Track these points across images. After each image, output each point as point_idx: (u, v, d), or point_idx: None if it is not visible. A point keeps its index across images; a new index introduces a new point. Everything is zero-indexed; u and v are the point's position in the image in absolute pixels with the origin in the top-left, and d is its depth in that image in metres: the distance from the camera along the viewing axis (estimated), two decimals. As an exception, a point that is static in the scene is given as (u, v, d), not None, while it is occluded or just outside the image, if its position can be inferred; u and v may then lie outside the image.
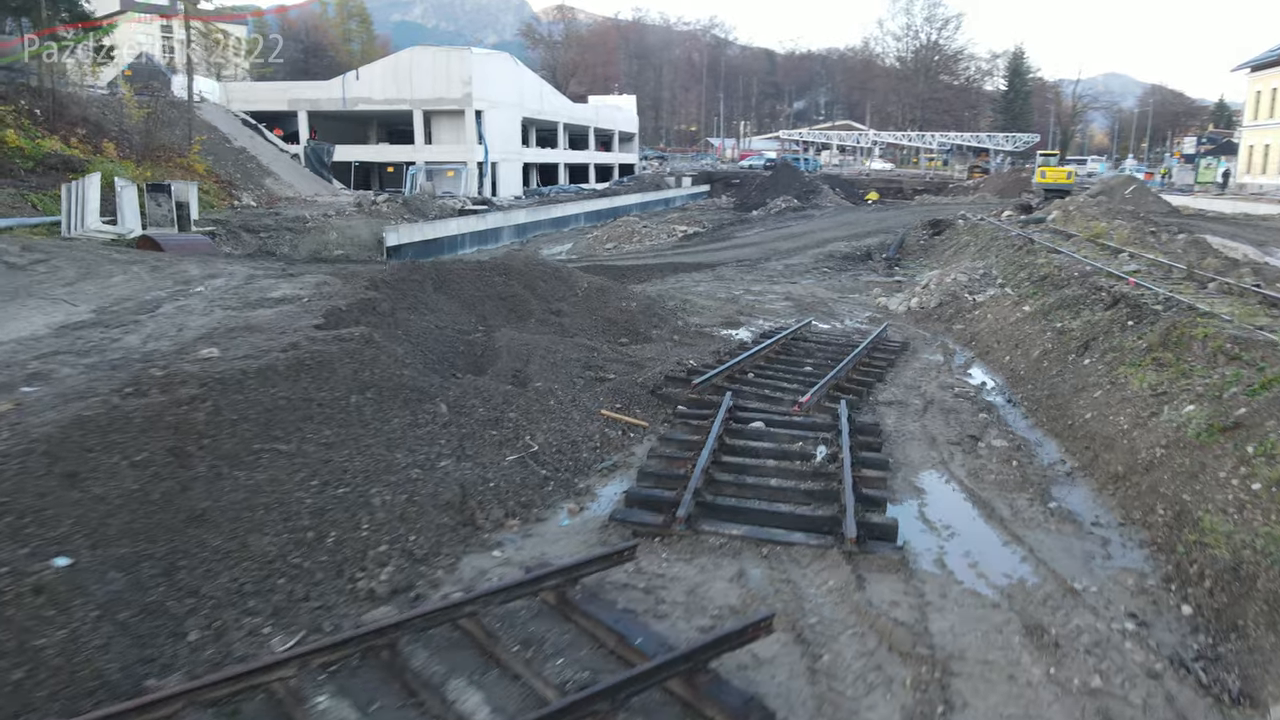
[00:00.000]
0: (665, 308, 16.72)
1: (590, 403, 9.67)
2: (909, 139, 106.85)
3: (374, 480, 6.65)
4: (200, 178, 37.01)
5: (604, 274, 21.83)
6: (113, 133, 36.46)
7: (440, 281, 13.87)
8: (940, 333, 15.90)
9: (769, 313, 17.59)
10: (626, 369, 11.68)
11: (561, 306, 14.75)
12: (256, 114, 46.55)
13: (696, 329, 15.45)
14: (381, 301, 10.46)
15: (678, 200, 64.00)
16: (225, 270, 12.85)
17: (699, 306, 17.91)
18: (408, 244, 27.04)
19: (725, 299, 19.00)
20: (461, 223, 31.25)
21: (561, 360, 11.17)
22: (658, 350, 13.36)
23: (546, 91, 57.86)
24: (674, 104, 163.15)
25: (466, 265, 14.74)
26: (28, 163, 28.11)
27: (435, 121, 47.37)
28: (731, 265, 24.70)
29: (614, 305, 15.19)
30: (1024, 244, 20.60)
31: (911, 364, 13.27)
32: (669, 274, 22.82)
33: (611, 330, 14.42)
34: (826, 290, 20.81)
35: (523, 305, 14.35)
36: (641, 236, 31.67)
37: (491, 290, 14.40)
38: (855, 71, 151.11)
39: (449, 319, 12.80)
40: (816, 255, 26.48)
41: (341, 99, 45.93)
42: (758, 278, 22.55)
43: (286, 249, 25.71)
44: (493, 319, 13.72)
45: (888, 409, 10.65)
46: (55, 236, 21.22)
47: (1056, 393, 10.73)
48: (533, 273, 15.33)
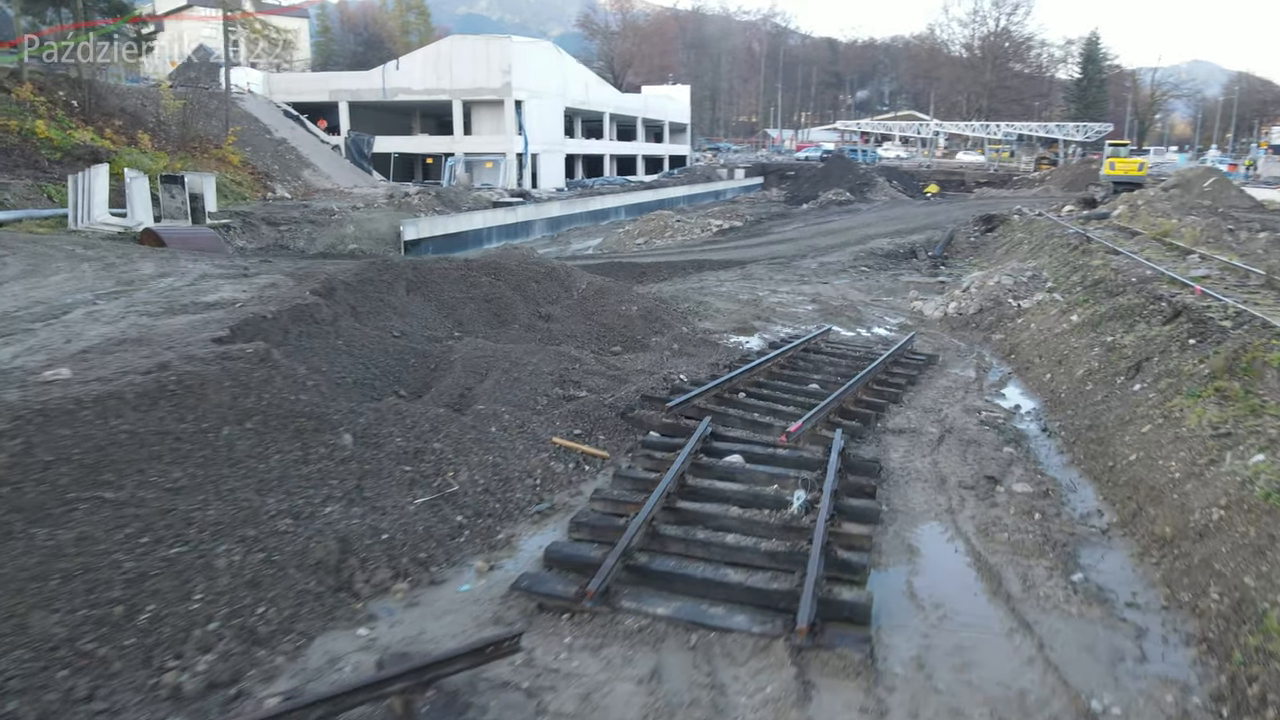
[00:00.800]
0: (674, 311, 15.39)
1: (544, 428, 8.42)
2: (973, 129, 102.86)
3: (226, 534, 5.50)
4: (235, 169, 36.84)
5: (622, 272, 20.60)
6: (150, 124, 36.47)
7: (417, 282, 12.76)
8: (977, 343, 14.24)
9: (789, 317, 16.12)
10: (606, 384, 10.42)
11: (552, 310, 13.54)
12: (299, 105, 46.38)
13: (703, 336, 14.08)
14: (322, 308, 9.36)
15: (728, 193, 62.41)
16: (182, 269, 11.94)
17: (714, 309, 16.52)
18: (427, 238, 26.14)
19: (746, 301, 17.56)
20: (488, 216, 30.28)
21: (529, 374, 9.94)
22: (652, 360, 12.05)
23: (592, 81, 56.67)
24: (732, 95, 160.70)
25: (450, 264, 13.62)
26: (55, 154, 27.99)
27: (475, 112, 46.60)
28: (763, 263, 23.19)
29: (612, 309, 13.91)
30: (1080, 243, 18.68)
31: (937, 381, 11.71)
32: (693, 272, 21.44)
33: (605, 337, 13.16)
34: (859, 292, 19.20)
35: (508, 309, 13.17)
36: (674, 231, 30.28)
37: (475, 292, 13.26)
38: (919, 60, 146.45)
39: (417, 325, 11.69)
40: (856, 253, 24.78)
41: (381, 89, 45.44)
42: (788, 277, 21.02)
43: (302, 243, 25.04)
44: (471, 324, 12.58)
45: (896, 439, 9.17)
46: (61, 229, 20.84)
47: (1099, 423, 9.10)
48: (525, 273, 14.14)
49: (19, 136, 28.11)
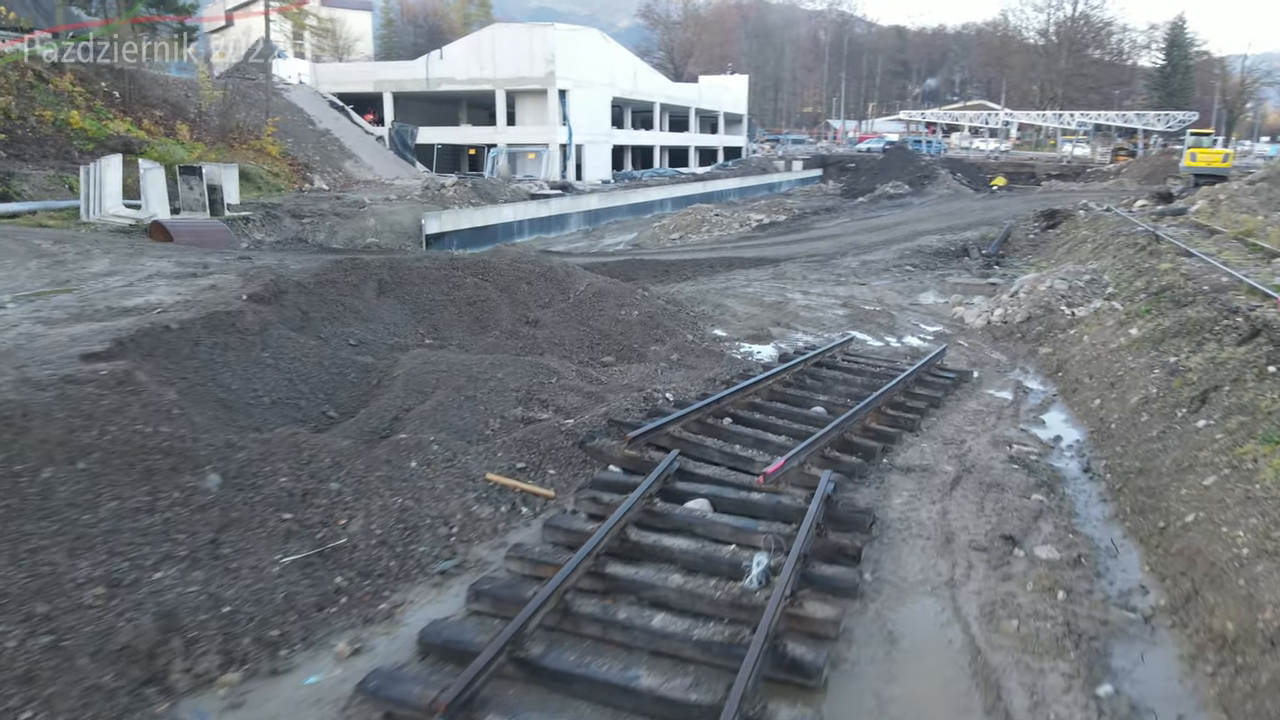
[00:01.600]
0: (683, 315, 14.08)
1: (481, 461, 7.23)
2: (1046, 118, 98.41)
3: (5, 612, 4.44)
4: (273, 160, 36.58)
5: (644, 271, 19.36)
6: (191, 115, 36.44)
7: (392, 283, 11.70)
8: (1020, 357, 12.60)
9: (813, 323, 14.65)
10: (580, 403, 9.20)
11: (541, 314, 12.35)
12: (345, 96, 46.15)
13: (710, 344, 12.75)
14: (247, 315, 8.32)
15: (783, 185, 60.66)
16: (138, 267, 11.09)
17: (732, 313, 15.15)
18: (450, 231, 25.24)
19: (770, 304, 16.13)
20: (519, 209, 29.27)
21: (487, 391, 8.77)
22: (643, 374, 10.80)
23: (641, 70, 55.32)
24: (794, 85, 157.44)
25: (433, 264, 12.53)
26: (89, 144, 27.87)
27: (519, 102, 45.72)
28: (799, 261, 21.65)
29: (610, 314, 12.66)
30: (1148, 242, 16.73)
31: (965, 404, 10.18)
32: (720, 271, 20.05)
33: (598, 346, 11.93)
34: (898, 294, 17.57)
35: (491, 313, 12.03)
36: (711, 226, 28.84)
37: (457, 294, 12.14)
38: (991, 47, 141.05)
39: (383, 331, 10.62)
40: (901, 250, 23.04)
41: (425, 80, 44.86)
42: (823, 277, 19.47)
43: (323, 236, 24.36)
44: (448, 330, 11.47)
45: (903, 479, 7.73)
46: (73, 221, 20.47)
47: (1152, 467, 7.53)
48: (515, 273, 12.98)
49: (53, 127, 28.09)
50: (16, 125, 26.88)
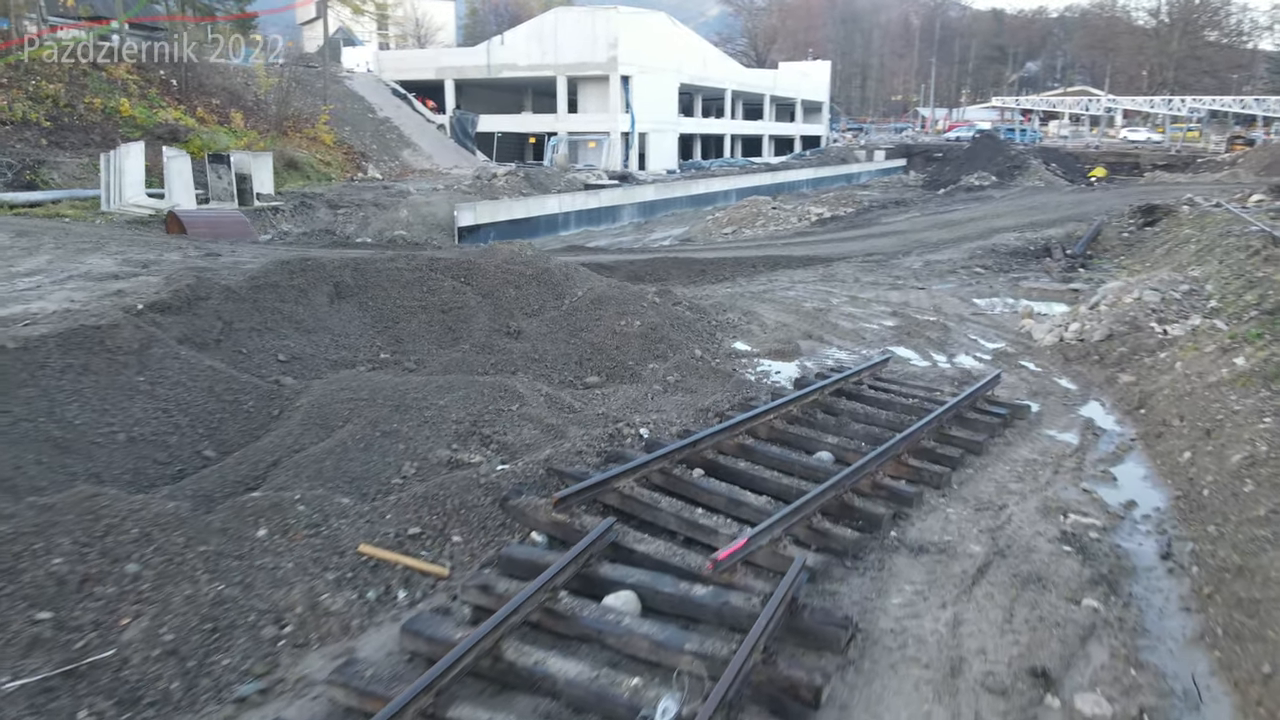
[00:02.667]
0: (700, 325, 12.35)
1: (360, 526, 5.73)
2: (1153, 105, 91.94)
3: None
4: (327, 148, 36.13)
5: (678, 270, 17.69)
6: (249, 103, 36.27)
7: (354, 286, 10.34)
8: (1094, 386, 10.45)
9: (853, 336, 12.73)
10: (534, 439, 7.67)
11: (525, 324, 10.82)
12: (408, 84, 45.61)
13: (722, 361, 11.01)
14: (124, 330, 7.01)
15: (862, 176, 58.00)
16: (72, 265, 10.00)
17: (761, 322, 13.35)
18: (487, 224, 23.97)
19: (808, 311, 14.24)
20: (565, 200, 27.85)
21: (414, 426, 7.30)
22: (628, 399, 9.17)
23: (711, 55, 53.22)
24: (883, 71, 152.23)
25: (407, 264, 11.12)
26: (135, 132, 27.64)
27: (581, 88, 44.35)
28: (855, 260, 19.59)
29: (607, 323, 11.04)
30: (1263, 245, 14.15)
31: (1017, 449, 8.20)
32: (763, 271, 18.19)
33: (586, 361, 10.34)
34: (960, 301, 15.41)
35: (466, 323, 10.56)
36: (768, 220, 26.84)
37: (431, 300, 10.71)
38: (1096, 30, 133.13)
39: (328, 345, 9.25)
40: (973, 250, 20.67)
41: (486, 66, 43.89)
42: (877, 280, 17.40)
43: (353, 228, 23.41)
44: (412, 343, 10.04)
45: (911, 565, 5.91)
46: (94, 210, 19.95)
47: (1258, 565, 5.51)
48: (503, 276, 11.48)
49: (102, 114, 27.99)
50: (64, 113, 26.83)
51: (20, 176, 20.94)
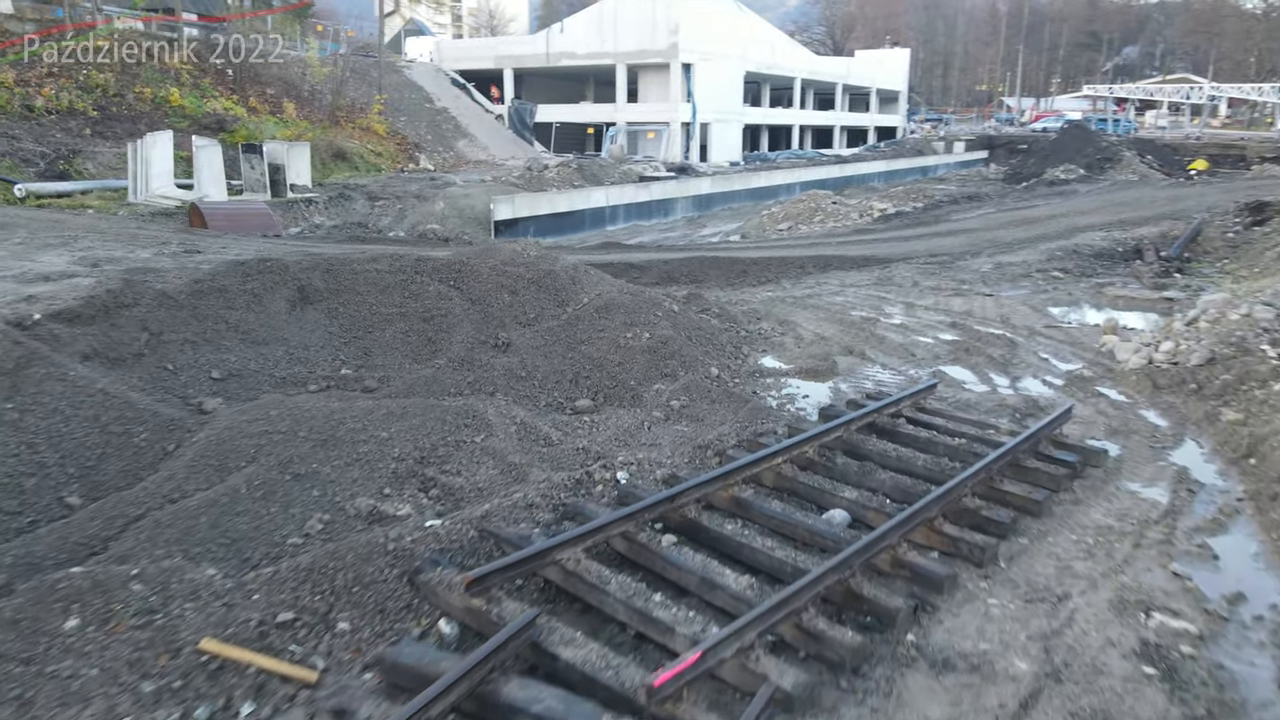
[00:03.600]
0: (724, 338, 10.93)
1: (217, 609, 4.53)
2: (1263, 92, 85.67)
3: None
4: (379, 139, 35.62)
5: (716, 270, 16.28)
6: (304, 94, 36.00)
7: (324, 291, 9.23)
8: (1190, 423, 8.64)
9: (902, 352, 11.10)
10: (487, 483, 6.45)
11: (516, 335, 9.56)
12: (467, 73, 44.97)
13: (743, 381, 9.57)
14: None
15: (939, 169, 55.41)
16: (26, 263, 9.12)
17: (797, 334, 11.83)
18: (526, 218, 22.83)
19: (854, 321, 12.66)
20: (613, 193, 26.54)
21: (340, 465, 6.11)
22: (618, 430, 7.86)
23: (780, 42, 51.16)
24: (966, 60, 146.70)
25: (389, 266, 9.96)
26: (183, 122, 27.43)
27: (641, 77, 42.96)
28: (916, 262, 17.81)
29: (611, 335, 9.70)
30: (1405, 254, 11.95)
31: (1088, 510, 6.56)
32: (812, 272, 16.60)
33: (579, 381, 9.03)
34: (1032, 310, 13.58)
35: (447, 332, 9.35)
36: (826, 215, 25.03)
37: (410, 307, 9.53)
38: (1199, 14, 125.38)
39: (278, 359, 8.14)
40: (1051, 251, 18.62)
41: (545, 54, 42.87)
42: (939, 284, 15.63)
43: (388, 220, 22.56)
44: (382, 356, 8.88)
45: (929, 689, 4.42)
46: (118, 202, 19.48)
47: None
48: (499, 279, 10.23)
49: (151, 104, 27.84)
50: (113, 102, 26.71)
51: (54, 166, 20.68)
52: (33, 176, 19.87)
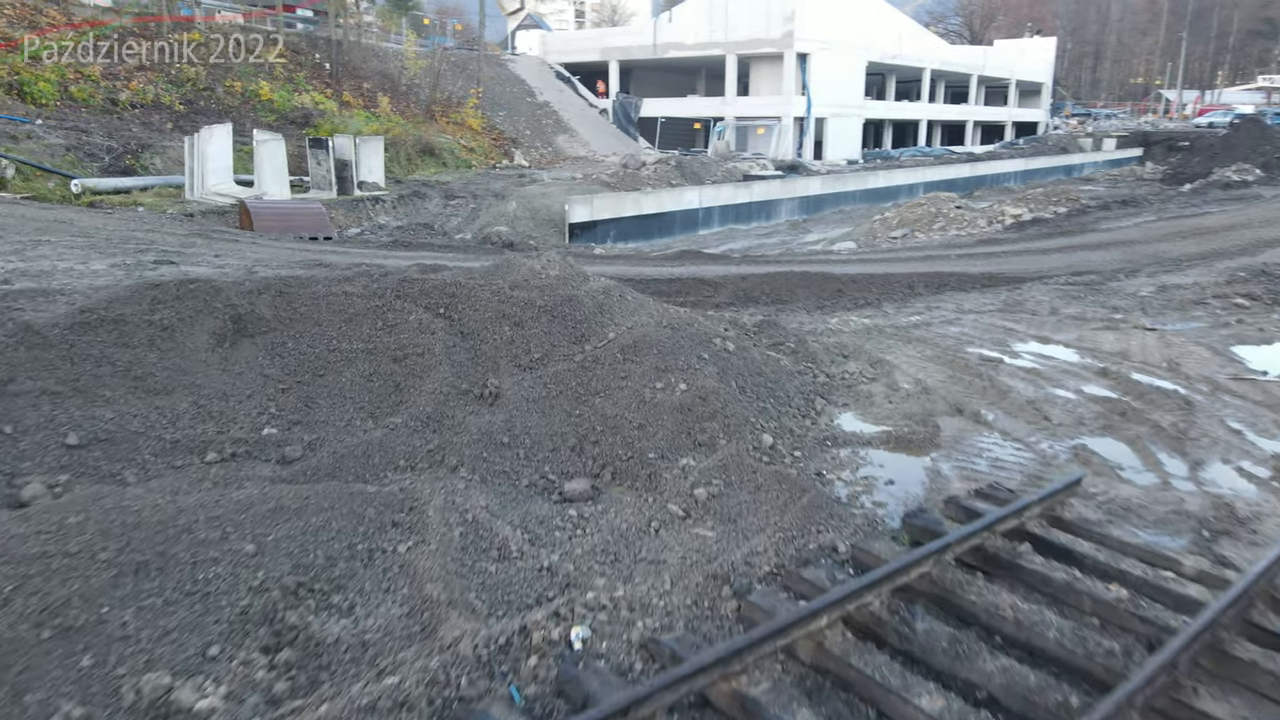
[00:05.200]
0: (790, 386, 8.50)
1: None
2: None
3: None
4: (474, 134, 34.42)
5: (807, 287, 13.80)
6: (401, 88, 35.19)
7: (269, 320, 7.37)
8: None
9: (1034, 414, 8.37)
10: (386, 632, 4.39)
11: (510, 382, 7.43)
12: (572, 66, 43.47)
13: (809, 453, 7.16)
14: None
15: (1085, 168, 50.56)
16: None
17: (895, 380, 9.26)
18: (606, 220, 20.78)
19: (972, 363, 9.95)
20: (707, 193, 24.15)
21: (160, 604, 4.16)
22: (616, 532, 5.74)
23: (907, 30, 47.27)
24: (1120, 50, 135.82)
25: (363, 288, 8.02)
26: (270, 116, 26.81)
27: (753, 68, 40.29)
28: (1055, 281, 14.74)
29: (635, 385, 7.45)
30: None
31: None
32: (924, 293, 13.85)
33: (581, 448, 6.85)
34: (1212, 353, 10.46)
35: (421, 377, 7.31)
36: (949, 221, 21.86)
37: (379, 343, 7.55)
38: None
39: (181, 414, 6.30)
40: (1231, 271, 15.11)
41: (652, 45, 40.79)
42: (1083, 312, 12.61)
43: (458, 221, 20.99)
44: (329, 408, 6.93)
45: None
46: (172, 199, 18.56)
47: None
48: (504, 307, 8.14)
49: (240, 98, 27.34)
50: (201, 96, 26.29)
51: (119, 161, 20.08)
52: (95, 172, 19.30)
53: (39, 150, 18.73)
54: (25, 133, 19.16)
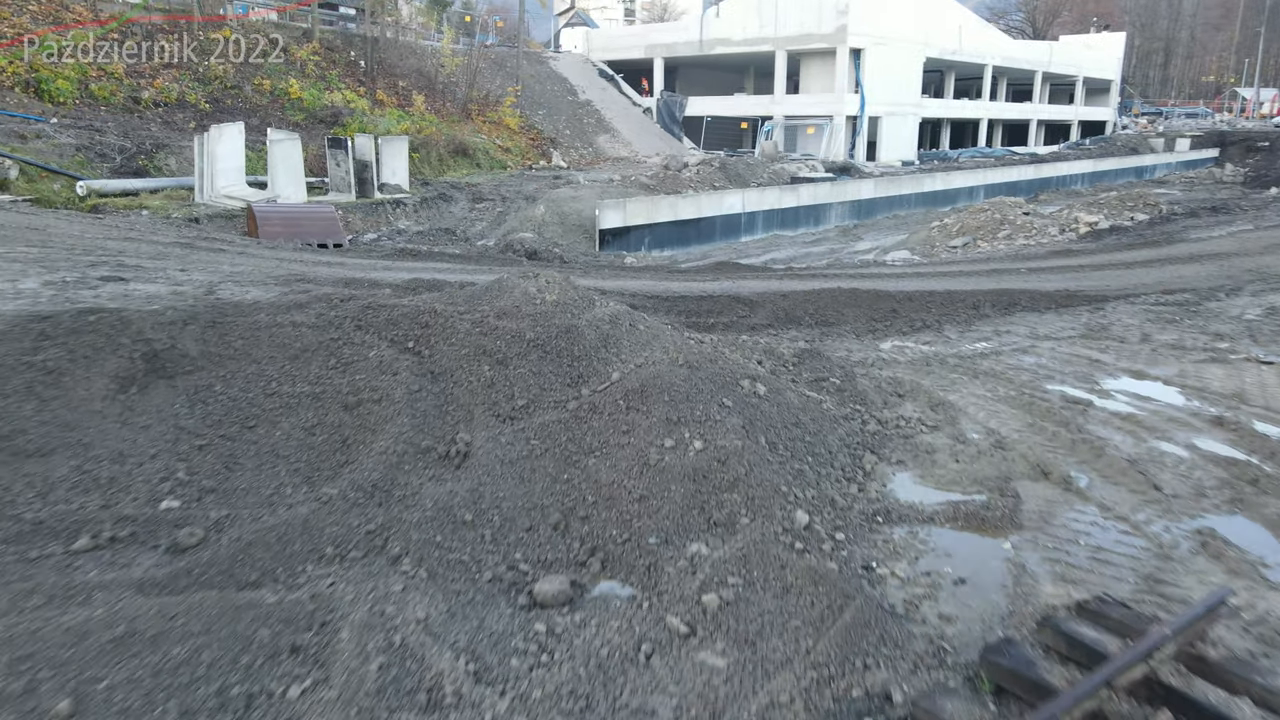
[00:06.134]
0: (835, 436, 7.02)
1: None
2: None
3: None
4: (511, 134, 33.30)
5: (856, 306, 12.25)
6: (438, 87, 34.22)
7: (194, 359, 6.10)
8: None
9: (1138, 480, 6.74)
10: None
11: (479, 438, 6.06)
12: (616, 63, 42.17)
13: (854, 534, 5.67)
14: None
15: (1157, 169, 47.87)
16: None
17: (961, 428, 7.71)
18: (641, 225, 19.36)
19: (1053, 406, 8.33)
20: (750, 198, 22.58)
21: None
22: (591, 657, 4.34)
23: (969, 23, 44.94)
24: (1192, 47, 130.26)
25: (310, 318, 6.72)
26: (299, 115, 25.95)
27: (804, 65, 38.50)
28: (1143, 301, 12.93)
29: (638, 443, 6.02)
30: None
31: None
32: (991, 313, 12.18)
33: (567, 525, 5.48)
34: (1351, 400, 8.65)
35: (374, 431, 5.98)
36: (1015, 229, 19.95)
37: (327, 385, 6.24)
38: None
39: (57, 482, 5.05)
40: (1353, 291, 13.14)
41: (698, 41, 39.26)
42: (1181, 339, 10.84)
43: (482, 226, 19.75)
44: (252, 471, 5.63)
45: None
46: (180, 201, 17.62)
47: None
48: (483, 339, 6.78)
49: (269, 96, 26.53)
50: (229, 94, 25.52)
51: (131, 162, 19.26)
52: (105, 173, 18.49)
53: (47, 150, 18.02)
54: (35, 131, 18.49)
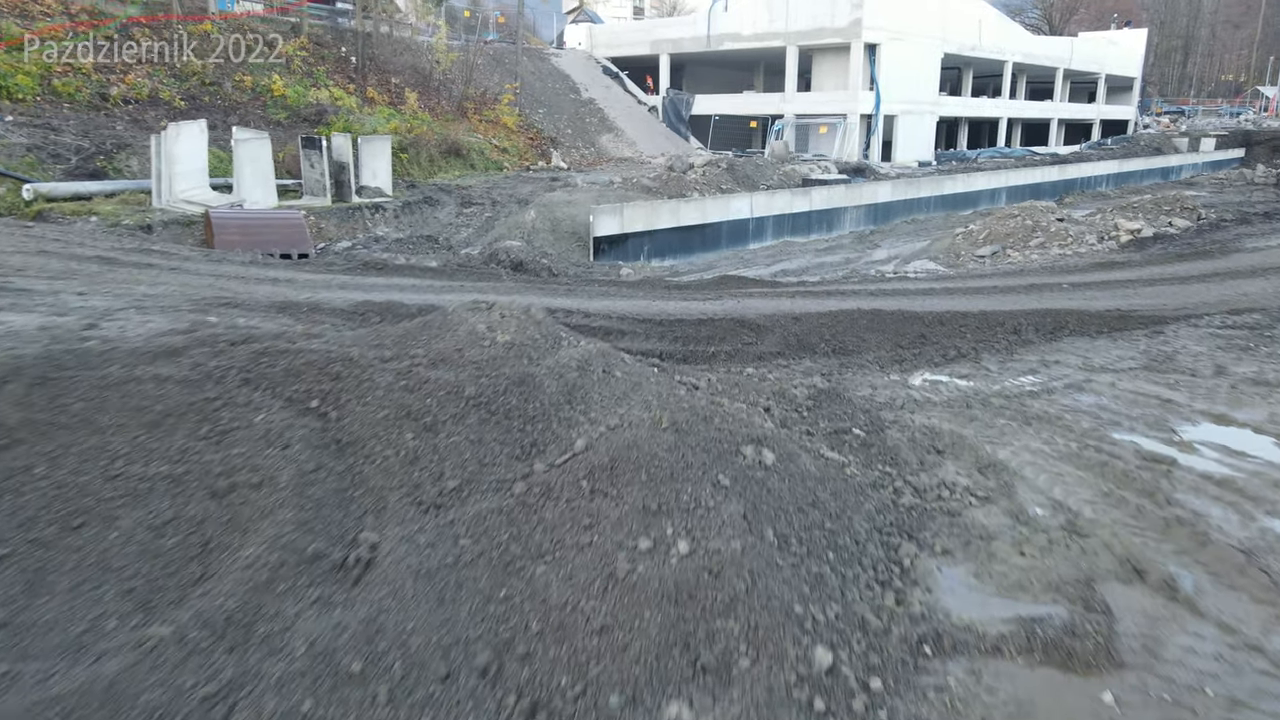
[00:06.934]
0: (861, 516, 5.48)
1: None
2: None
3: None
4: (509, 133, 31.83)
5: (880, 329, 10.68)
6: (433, 84, 32.78)
7: (17, 428, 4.61)
8: None
9: (1256, 581, 5.16)
10: None
11: (390, 535, 4.53)
12: (620, 60, 40.66)
13: (889, 686, 4.09)
14: None
15: (1183, 170, 46.11)
16: None
17: (1019, 500, 6.16)
18: (639, 233, 17.81)
19: (1129, 466, 6.77)
20: (759, 202, 21.01)
21: None
22: None
23: (988, 19, 43.17)
24: (1212, 45, 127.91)
25: (181, 370, 5.22)
26: (281, 113, 24.53)
27: (816, 61, 36.89)
28: (1207, 322, 11.33)
29: (602, 545, 4.48)
30: None
31: None
32: (1034, 338, 10.61)
33: (497, 674, 3.88)
34: None
35: (240, 532, 4.45)
36: (1049, 237, 18.32)
37: (194, 463, 4.73)
38: None
39: None
40: None
41: (706, 37, 37.69)
42: (1261, 372, 9.25)
43: (467, 234, 18.27)
44: (65, 595, 4.13)
45: None
46: (136, 205, 16.19)
47: None
48: (409, 395, 5.28)
49: (251, 93, 25.11)
50: (206, 91, 24.10)
51: (89, 163, 17.86)
52: (59, 175, 17.11)
53: (-6, 150, 16.66)
54: (-16, 131, 17.12)
